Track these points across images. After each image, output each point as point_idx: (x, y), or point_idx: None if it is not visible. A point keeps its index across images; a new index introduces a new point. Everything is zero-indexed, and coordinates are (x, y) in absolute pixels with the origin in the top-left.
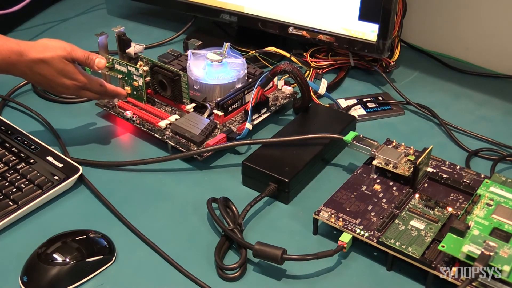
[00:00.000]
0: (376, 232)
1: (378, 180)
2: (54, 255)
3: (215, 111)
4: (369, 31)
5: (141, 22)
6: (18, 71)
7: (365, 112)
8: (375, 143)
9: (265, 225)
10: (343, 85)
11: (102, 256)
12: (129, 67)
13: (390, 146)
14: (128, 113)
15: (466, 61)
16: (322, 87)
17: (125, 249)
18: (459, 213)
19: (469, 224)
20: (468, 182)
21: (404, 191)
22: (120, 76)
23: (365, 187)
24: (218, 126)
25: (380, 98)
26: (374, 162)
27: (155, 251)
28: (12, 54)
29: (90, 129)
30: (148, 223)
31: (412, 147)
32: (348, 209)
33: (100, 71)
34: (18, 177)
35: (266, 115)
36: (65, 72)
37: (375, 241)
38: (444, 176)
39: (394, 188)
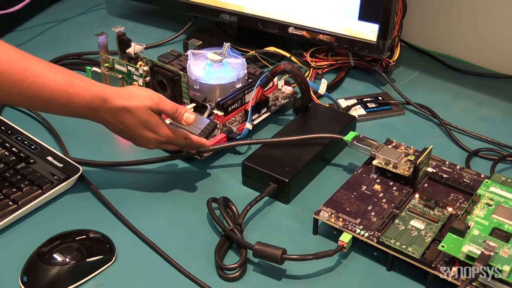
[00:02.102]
0: (376, 232)
1: (378, 180)
2: (54, 255)
3: (215, 111)
4: (369, 31)
5: (141, 22)
6: (99, 118)
7: (365, 112)
8: (375, 143)
9: (265, 225)
10: (343, 85)
11: (102, 256)
12: (129, 67)
13: (390, 146)
14: None
15: (466, 61)
16: (322, 87)
17: (125, 249)
18: (459, 213)
19: (469, 224)
20: (468, 182)
21: (404, 191)
22: (120, 76)
23: (365, 187)
24: (218, 126)
25: (380, 98)
26: (374, 162)
27: (155, 251)
28: (95, 99)
29: (90, 129)
30: (148, 223)
31: (412, 147)
32: (348, 209)
33: (100, 71)
34: (18, 177)
35: (266, 115)
36: (148, 124)
37: (375, 241)
38: (444, 176)
39: (394, 188)
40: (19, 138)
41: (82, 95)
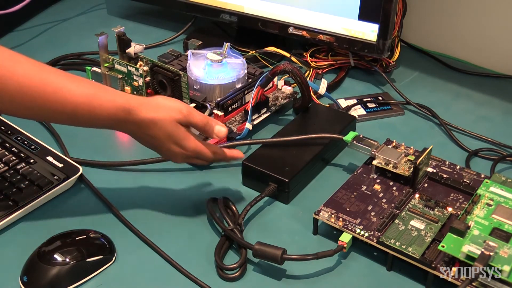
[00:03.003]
0: (376, 232)
1: (378, 180)
2: (54, 255)
3: (215, 111)
4: (369, 31)
5: (141, 22)
6: (125, 129)
7: (365, 112)
8: (375, 143)
9: (265, 225)
10: (343, 85)
11: (102, 256)
12: (129, 67)
13: (390, 146)
14: None
15: (466, 61)
16: (322, 87)
17: (125, 249)
18: (459, 213)
19: (469, 224)
20: (468, 182)
21: (404, 191)
22: (120, 76)
23: (365, 187)
24: None
25: (380, 98)
26: (374, 162)
27: (155, 251)
28: (120, 111)
29: (90, 129)
30: (148, 223)
31: (412, 147)
32: (348, 209)
33: (100, 71)
34: (18, 177)
35: (266, 115)
36: (174, 138)
37: (375, 241)
38: (444, 176)
39: (394, 188)
40: (19, 138)
41: (105, 107)
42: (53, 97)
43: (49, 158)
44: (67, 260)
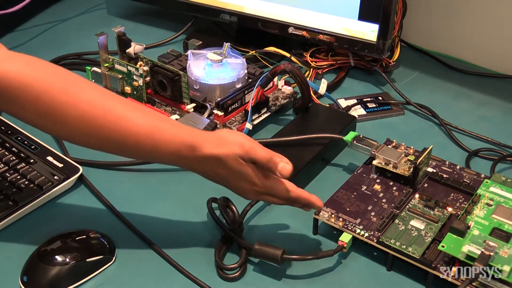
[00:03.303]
0: (376, 232)
1: (378, 180)
2: (54, 255)
3: (215, 111)
4: (369, 31)
5: (141, 22)
6: (187, 166)
7: (365, 112)
8: (375, 143)
9: (265, 225)
10: (343, 85)
11: (102, 256)
12: (129, 67)
13: (390, 146)
14: None
15: (466, 61)
16: (322, 87)
17: (125, 249)
18: (459, 213)
19: (469, 224)
20: (468, 182)
21: (404, 191)
22: (120, 76)
23: (365, 187)
24: (218, 126)
25: (380, 98)
26: (374, 162)
27: (155, 251)
28: (183, 147)
29: None
30: (148, 223)
31: (412, 147)
32: (348, 209)
33: (100, 71)
34: (18, 177)
35: (266, 115)
36: (241, 175)
37: (375, 241)
38: (444, 176)
39: (394, 188)
40: (19, 138)
41: (169, 143)
42: (115, 127)
43: (49, 158)
44: (67, 260)
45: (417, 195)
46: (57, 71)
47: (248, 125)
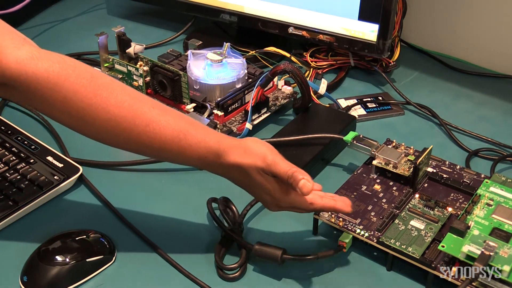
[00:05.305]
0: (376, 232)
1: (378, 180)
2: (54, 255)
3: (215, 111)
4: (369, 31)
5: (141, 22)
6: (213, 171)
7: (365, 112)
8: (375, 143)
9: (265, 225)
10: (343, 85)
11: (102, 256)
12: (129, 67)
13: (390, 146)
14: None
15: (466, 61)
16: (322, 87)
17: (125, 249)
18: (459, 213)
19: (469, 224)
20: (468, 182)
21: (404, 191)
22: (120, 76)
23: (365, 187)
24: (218, 126)
25: (380, 98)
26: (374, 162)
27: (155, 251)
28: (209, 154)
29: None
30: (148, 223)
31: (412, 147)
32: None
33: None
34: (18, 177)
35: (266, 115)
36: (262, 188)
37: (375, 241)
38: (444, 176)
39: (394, 188)
40: (19, 138)
41: (195, 149)
42: (142, 130)
43: (49, 158)
44: (67, 260)
45: (417, 195)
46: (88, 72)
47: (248, 125)
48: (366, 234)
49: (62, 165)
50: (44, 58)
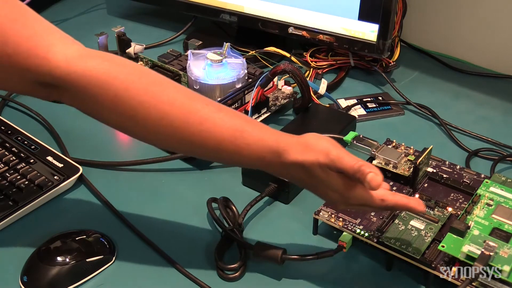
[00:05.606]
0: (376, 232)
1: None
2: (54, 255)
3: None
4: (369, 31)
5: (141, 22)
6: (273, 171)
7: (365, 112)
8: (375, 143)
9: (265, 225)
10: (343, 85)
11: (102, 256)
12: None
13: (390, 146)
14: None
15: (466, 61)
16: (322, 87)
17: (125, 249)
18: (459, 213)
19: (469, 224)
20: (468, 182)
21: (404, 191)
22: None
23: None
24: None
25: (380, 98)
26: (374, 162)
27: (155, 251)
28: (267, 153)
29: (90, 129)
30: (148, 223)
31: (412, 147)
32: (348, 209)
33: None
34: (18, 177)
35: (266, 115)
36: (328, 185)
37: (375, 241)
38: (444, 176)
39: (394, 188)
40: (19, 138)
41: (252, 148)
42: (196, 129)
43: (49, 158)
44: (67, 260)
45: (417, 195)
46: (138, 69)
47: None
48: (366, 234)
49: (62, 165)
50: (93, 56)
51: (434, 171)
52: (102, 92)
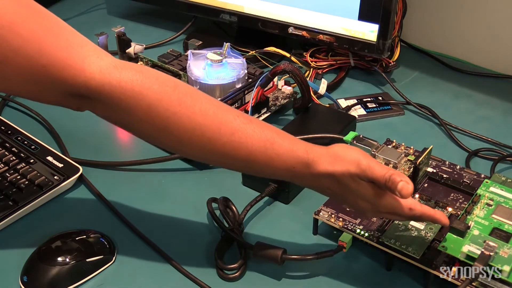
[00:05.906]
0: (376, 232)
1: None
2: (54, 255)
3: None
4: (369, 31)
5: (141, 22)
6: (302, 182)
7: (365, 112)
8: (375, 143)
9: (265, 225)
10: (343, 85)
11: (102, 256)
12: None
13: (390, 146)
14: None
15: (466, 61)
16: (322, 87)
17: (125, 249)
18: (459, 213)
19: (469, 224)
20: (468, 182)
21: None
22: None
23: None
24: None
25: (380, 98)
26: None
27: (155, 251)
28: (297, 164)
29: (90, 129)
30: (148, 223)
31: (412, 147)
32: (348, 209)
33: None
34: (18, 177)
35: (266, 115)
36: (358, 194)
37: (375, 241)
38: (444, 176)
39: None
40: (19, 138)
41: (283, 159)
42: (228, 140)
43: (49, 158)
44: (67, 260)
45: (417, 195)
46: (171, 80)
47: None
48: (366, 234)
49: (62, 165)
50: (126, 68)
51: (434, 171)
52: (135, 103)
